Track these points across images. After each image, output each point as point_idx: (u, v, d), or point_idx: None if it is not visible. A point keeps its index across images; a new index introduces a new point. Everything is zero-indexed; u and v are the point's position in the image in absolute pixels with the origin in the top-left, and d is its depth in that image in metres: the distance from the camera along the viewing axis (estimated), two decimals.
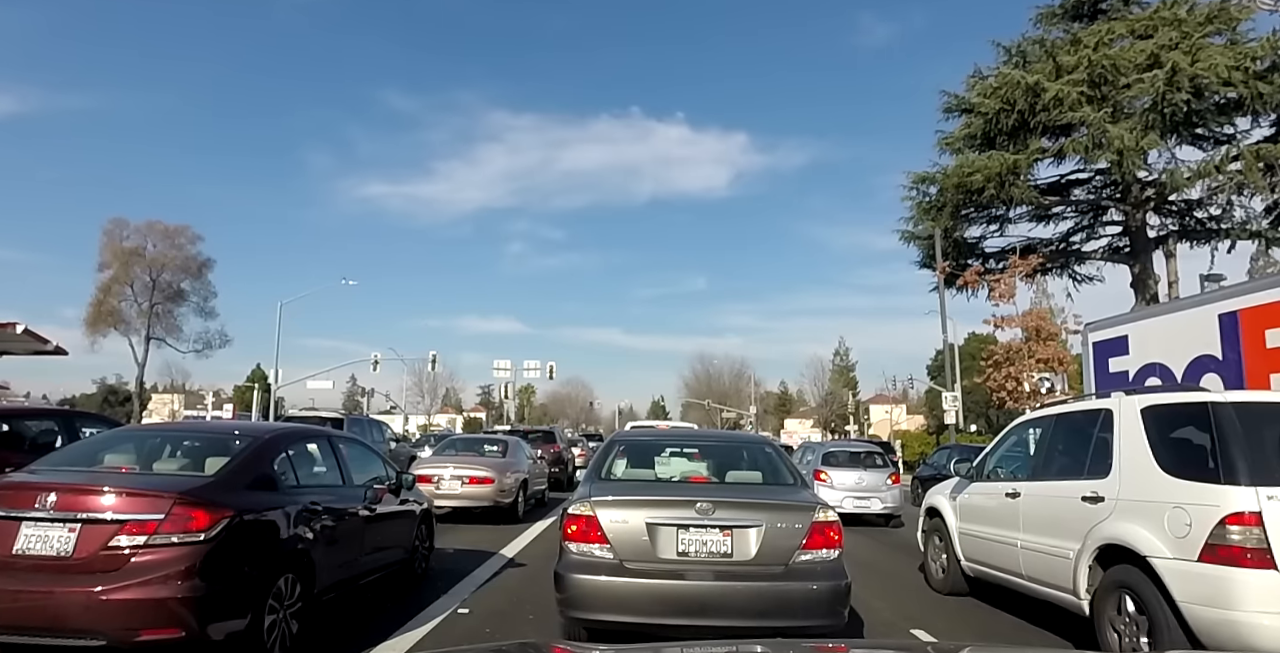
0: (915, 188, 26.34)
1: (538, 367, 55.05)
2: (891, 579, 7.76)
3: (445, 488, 10.91)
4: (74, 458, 4.68)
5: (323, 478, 5.20)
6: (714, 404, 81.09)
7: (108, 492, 3.82)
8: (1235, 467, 4.18)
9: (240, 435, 4.81)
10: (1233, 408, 4.44)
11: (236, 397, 67.06)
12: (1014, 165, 23.34)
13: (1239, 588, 3.96)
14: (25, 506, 3.75)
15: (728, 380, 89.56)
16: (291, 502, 4.55)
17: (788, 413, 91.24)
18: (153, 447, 4.84)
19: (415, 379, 68.53)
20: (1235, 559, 3.98)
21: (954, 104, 25.42)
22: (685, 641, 3.89)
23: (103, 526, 3.70)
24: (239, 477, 4.32)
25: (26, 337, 20.33)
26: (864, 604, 5.87)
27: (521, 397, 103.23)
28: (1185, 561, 4.19)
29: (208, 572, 3.74)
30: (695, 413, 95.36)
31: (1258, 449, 4.28)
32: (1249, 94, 20.67)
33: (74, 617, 3.57)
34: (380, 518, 5.73)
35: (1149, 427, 4.80)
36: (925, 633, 5.60)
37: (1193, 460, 4.51)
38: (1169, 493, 4.45)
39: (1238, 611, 3.95)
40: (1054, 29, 24.70)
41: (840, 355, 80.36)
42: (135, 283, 34.02)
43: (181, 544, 3.72)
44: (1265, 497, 4.00)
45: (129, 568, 3.63)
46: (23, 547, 3.68)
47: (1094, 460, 5.22)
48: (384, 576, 5.88)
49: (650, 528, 4.41)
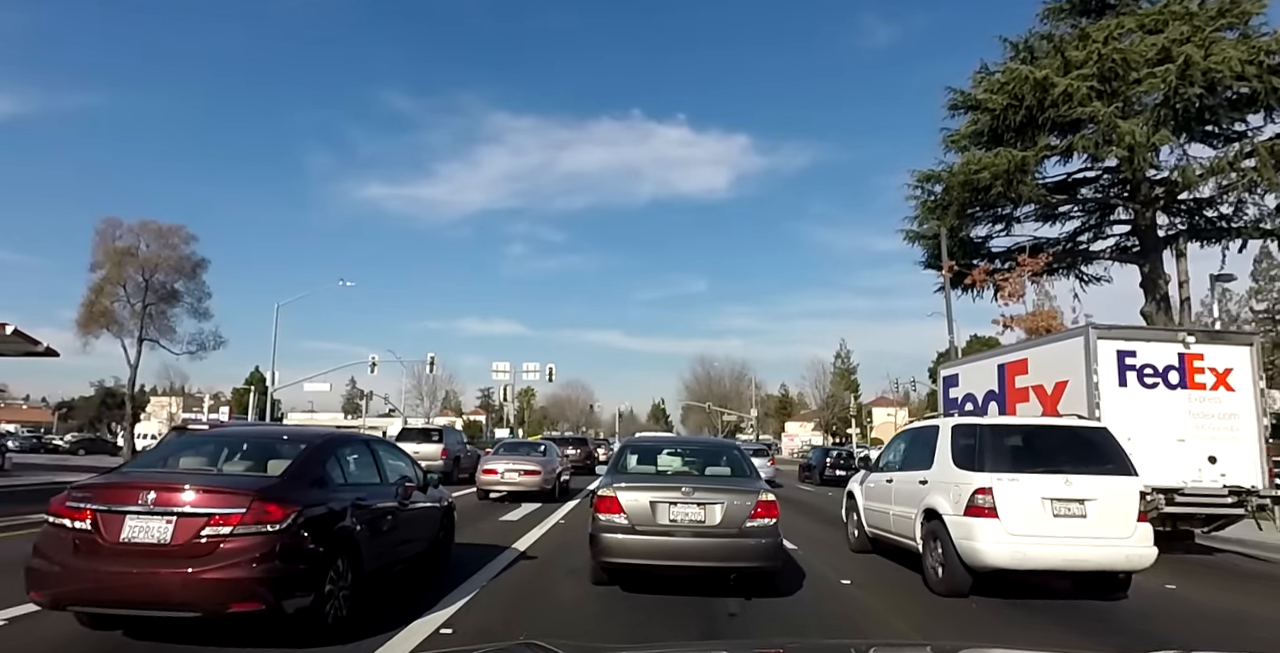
0: (920, 187, 26.75)
1: (537, 369, 56.15)
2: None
3: (507, 478, 16.37)
4: (156, 461, 5.65)
5: (364, 477, 6.14)
6: (714, 407, 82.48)
7: (197, 490, 4.75)
8: (983, 461, 7.48)
9: (294, 440, 5.76)
10: (987, 428, 8.01)
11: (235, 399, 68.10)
12: (1022, 162, 23.58)
13: (978, 529, 7.15)
14: (129, 502, 4.68)
15: (728, 383, 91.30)
16: (342, 497, 5.50)
17: (788, 416, 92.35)
18: (220, 451, 5.79)
19: (415, 382, 69.52)
20: (979, 513, 7.19)
21: (960, 101, 25.69)
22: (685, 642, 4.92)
23: (194, 518, 4.62)
24: (301, 476, 5.26)
25: (16, 338, 21.13)
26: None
27: (521, 399, 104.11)
28: (957, 516, 7.37)
29: (282, 556, 4.67)
30: (696, 416, 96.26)
31: (995, 451, 7.61)
32: (1262, 89, 21.21)
33: (174, 594, 4.50)
34: (411, 512, 6.71)
35: (952, 438, 8.00)
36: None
37: (966, 458, 7.68)
38: (954, 477, 7.65)
39: (977, 542, 7.12)
40: (1061, 24, 25.07)
41: (842, 358, 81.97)
42: (128, 283, 34.09)
43: (260, 533, 4.64)
44: (995, 479, 7.27)
45: (218, 553, 4.55)
46: (128, 536, 4.60)
47: (926, 458, 8.38)
48: (414, 563, 6.87)
49: (652, 504, 6.77)
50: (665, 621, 6.05)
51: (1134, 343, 11.78)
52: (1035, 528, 7.12)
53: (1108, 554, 7.19)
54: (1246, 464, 11.23)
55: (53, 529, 4.74)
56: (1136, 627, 6.51)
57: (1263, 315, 53.50)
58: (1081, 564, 7.25)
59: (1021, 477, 7.30)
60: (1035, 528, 7.12)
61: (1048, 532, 7.13)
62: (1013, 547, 7.06)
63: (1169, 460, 10.94)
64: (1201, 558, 11.35)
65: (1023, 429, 8.39)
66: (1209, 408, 11.37)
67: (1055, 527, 7.15)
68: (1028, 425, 8.77)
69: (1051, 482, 7.29)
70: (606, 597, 6.77)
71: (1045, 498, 7.23)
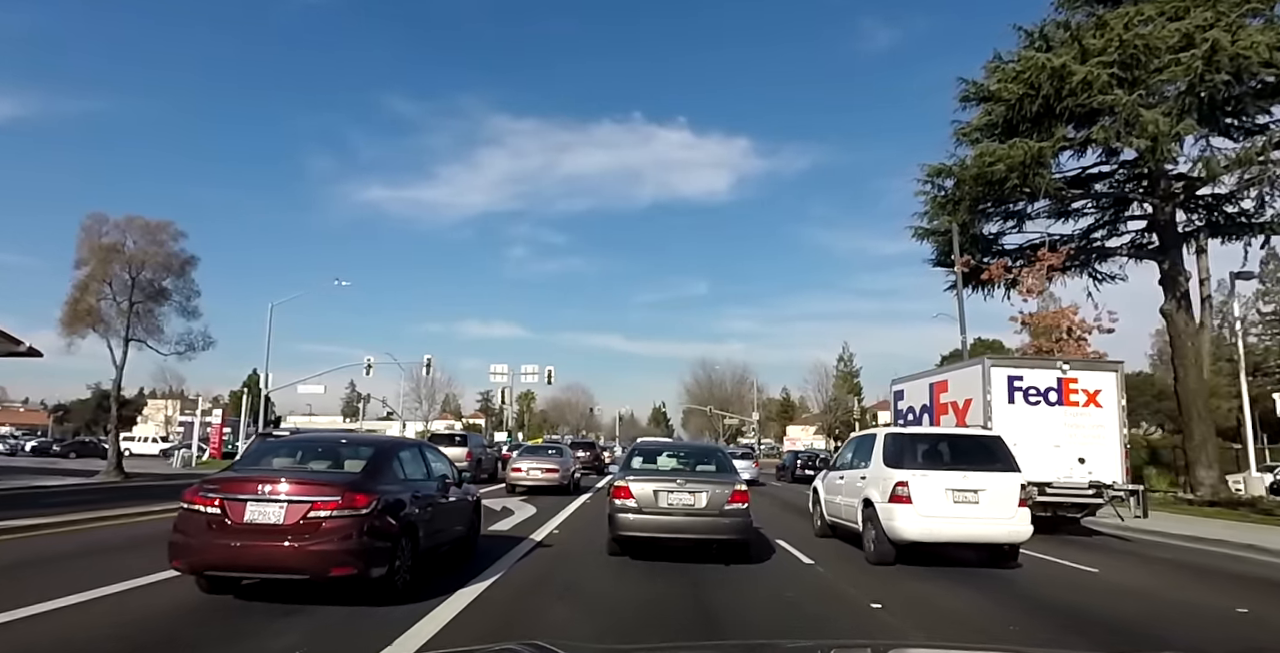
0: (930, 182, 27.74)
1: (536, 371, 58.35)
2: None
3: (531, 475, 21.64)
4: (257, 461, 7.76)
5: (416, 474, 8.17)
6: (716, 410, 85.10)
7: (301, 483, 6.77)
8: (903, 461, 10.55)
9: (363, 445, 7.93)
10: (908, 435, 11.33)
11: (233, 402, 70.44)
12: (1039, 154, 24.30)
13: (898, 512, 10.06)
14: (249, 491, 6.69)
15: (730, 386, 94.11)
16: (405, 489, 7.53)
17: (790, 419, 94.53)
18: (304, 453, 7.85)
19: (413, 384, 71.61)
20: (899, 500, 10.10)
21: (972, 92, 26.54)
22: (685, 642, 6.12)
23: (300, 504, 6.60)
24: (375, 472, 7.30)
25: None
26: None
27: (522, 402, 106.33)
28: (884, 502, 10.25)
29: (367, 533, 6.67)
30: (697, 419, 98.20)
31: (913, 453, 10.72)
32: None
33: (288, 561, 6.51)
34: (450, 504, 8.77)
35: (884, 443, 11.08)
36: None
37: (893, 458, 10.72)
38: (884, 473, 10.61)
39: (897, 522, 10.01)
40: (1078, 12, 26.06)
41: (844, 361, 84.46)
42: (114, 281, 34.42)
43: (351, 516, 6.63)
44: (911, 474, 10.24)
45: (320, 531, 6.54)
46: (250, 518, 6.61)
47: (867, 459, 11.45)
48: (453, 546, 8.93)
49: (654, 491, 9.63)
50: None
51: (1021, 369, 16.04)
52: (940, 511, 10.07)
53: (994, 530, 10.23)
54: (1110, 465, 15.31)
55: (188, 513, 6.74)
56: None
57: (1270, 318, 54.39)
58: (975, 538, 10.33)
59: (930, 472, 10.35)
60: (940, 511, 10.07)
61: (949, 514, 10.10)
62: (923, 525, 10.00)
63: (1047, 461, 14.83)
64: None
65: (935, 437, 12.01)
66: (1081, 420, 15.49)
67: (955, 510, 10.13)
68: (938, 434, 12.61)
69: (953, 476, 10.32)
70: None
71: (948, 488, 10.21)
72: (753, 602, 7.66)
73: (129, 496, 18.41)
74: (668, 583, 8.38)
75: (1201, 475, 24.71)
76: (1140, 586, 9.74)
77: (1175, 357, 26.24)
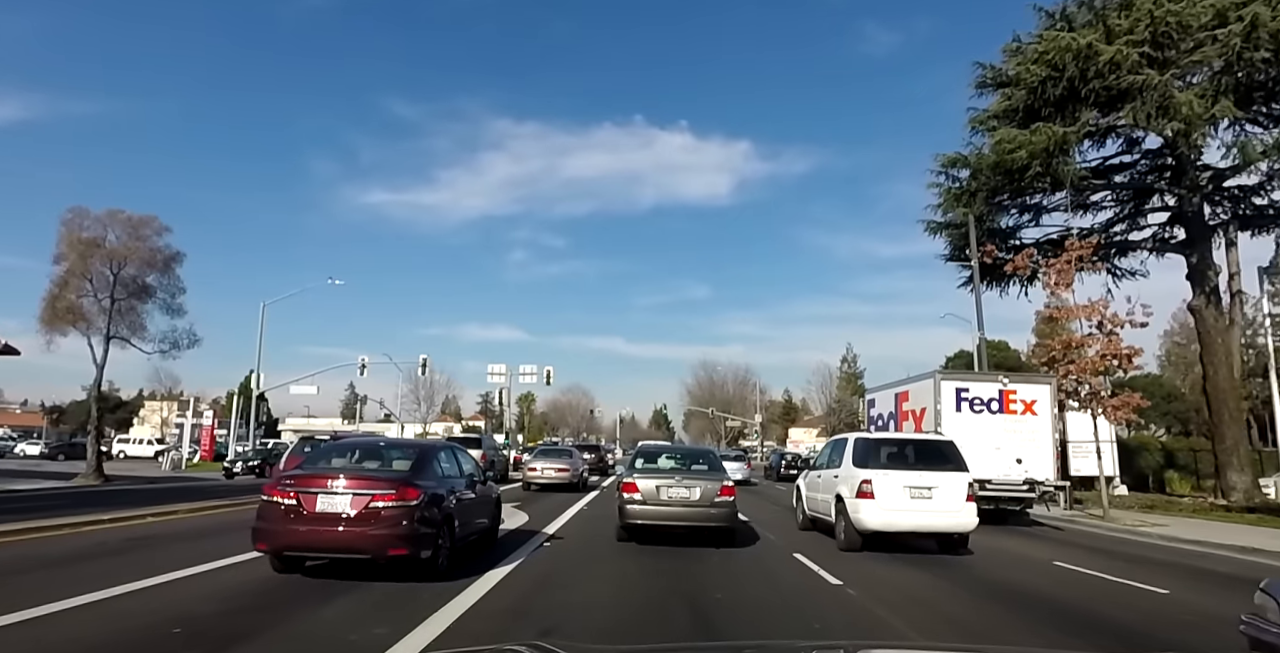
0: (944, 172, 26.78)
1: (534, 371, 57.99)
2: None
3: (545, 474, 25.12)
4: (321, 459, 9.14)
5: (451, 472, 9.47)
6: (718, 412, 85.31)
7: (363, 479, 8.07)
8: (868, 461, 12.38)
9: (406, 447, 9.42)
10: (873, 440, 13.55)
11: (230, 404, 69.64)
12: (1062, 139, 22.66)
13: (863, 506, 11.85)
14: (319, 486, 8.00)
15: (732, 388, 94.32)
16: (444, 485, 8.87)
17: (792, 422, 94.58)
18: (358, 454, 9.22)
19: (411, 386, 71.27)
20: (864, 496, 11.91)
21: (990, 77, 25.33)
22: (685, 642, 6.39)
23: (362, 497, 7.90)
24: (421, 471, 8.62)
25: None
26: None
27: (522, 405, 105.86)
28: (852, 498, 12.00)
29: (418, 522, 8.00)
30: (699, 421, 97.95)
31: (876, 455, 12.56)
32: None
33: (354, 544, 7.85)
34: (478, 499, 10.09)
35: (853, 446, 12.85)
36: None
37: (860, 459, 12.44)
38: (852, 472, 12.27)
39: (862, 514, 11.80)
40: None
41: (848, 362, 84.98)
42: (95, 277, 33.28)
43: (405, 507, 7.94)
44: (874, 473, 11.99)
45: (380, 519, 7.86)
46: (321, 508, 7.92)
47: (839, 460, 13.06)
48: (480, 536, 10.25)
49: (656, 486, 11.54)
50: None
51: (967, 382, 18.30)
52: (899, 505, 11.79)
53: (945, 521, 12.00)
54: (1044, 465, 17.90)
55: (268, 504, 8.07)
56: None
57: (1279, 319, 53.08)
58: (929, 528, 12.13)
59: (891, 472, 12.06)
60: (899, 505, 11.79)
61: (907, 508, 11.81)
62: (884, 517, 11.77)
63: (989, 462, 16.99)
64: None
65: (896, 441, 14.14)
66: (1019, 427, 18.15)
67: (912, 504, 11.83)
68: (899, 439, 14.83)
69: (910, 475, 12.07)
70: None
71: (906, 485, 11.94)
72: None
73: (89, 502, 17.00)
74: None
75: (1234, 480, 23.75)
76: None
77: (1204, 355, 25.13)
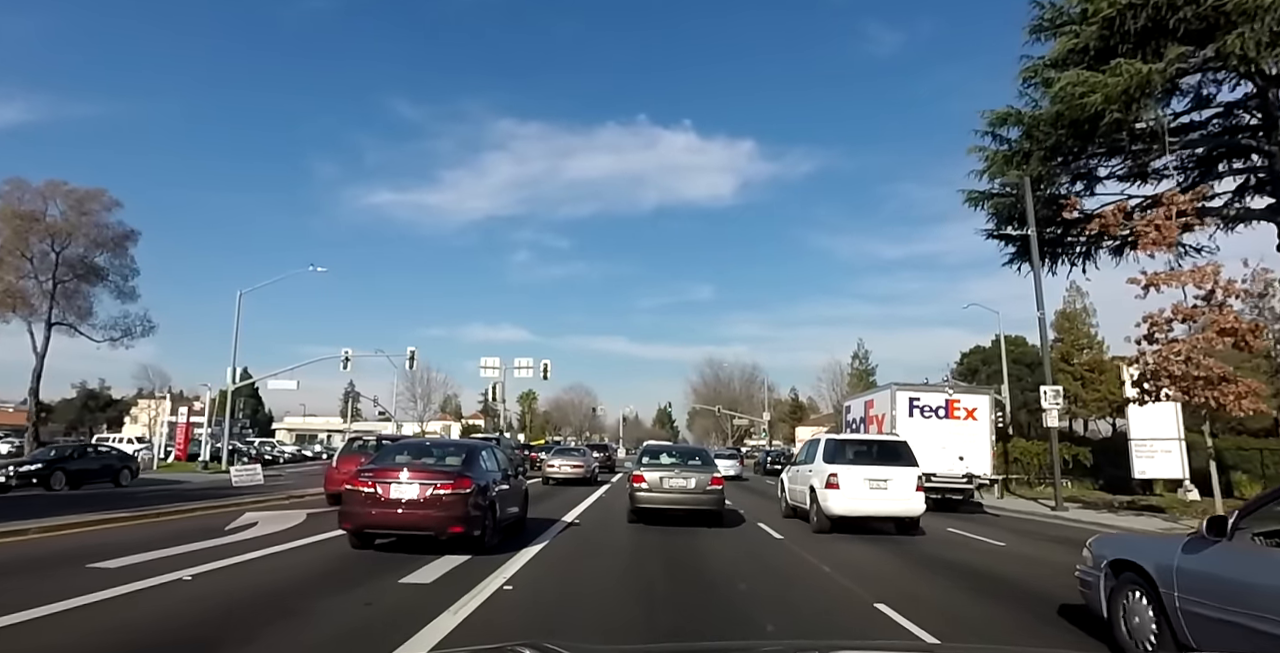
0: (990, 133, 23.54)
1: (529, 365, 54.44)
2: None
3: (561, 470, 29.96)
4: (388, 456, 11.53)
5: (492, 466, 11.79)
6: (724, 411, 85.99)
7: (426, 472, 10.41)
8: (835, 458, 15.23)
9: (455, 446, 11.99)
10: (840, 440, 16.79)
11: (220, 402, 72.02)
12: (1147, 78, 18.93)
13: (830, 495, 14.55)
14: (392, 477, 10.30)
15: (738, 386, 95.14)
16: (488, 477, 11.17)
17: (800, 421, 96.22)
18: (416, 452, 11.69)
19: (409, 385, 73.74)
20: (831, 487, 14.64)
21: (1048, 19, 21.67)
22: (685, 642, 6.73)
23: (426, 486, 10.19)
24: (471, 465, 10.96)
25: None
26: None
27: (523, 403, 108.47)
28: (821, 488, 14.73)
29: (471, 506, 10.27)
30: (704, 420, 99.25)
31: (842, 453, 15.53)
32: None
33: (421, 523, 10.13)
34: (511, 489, 12.36)
35: (824, 445, 15.90)
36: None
37: (829, 456, 15.36)
38: (823, 467, 15.00)
39: (829, 502, 14.48)
40: None
41: (859, 359, 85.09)
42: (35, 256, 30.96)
43: (461, 494, 10.21)
44: (840, 468, 14.71)
45: (441, 503, 10.14)
46: (395, 495, 10.20)
47: (814, 457, 15.84)
48: (513, 521, 12.53)
49: (660, 478, 14.86)
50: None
51: (919, 393, 22.11)
52: (860, 494, 14.39)
53: (898, 508, 14.65)
54: (982, 462, 21.98)
55: (351, 491, 10.38)
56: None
57: None
58: (884, 513, 14.73)
59: (854, 467, 14.69)
60: (860, 494, 14.39)
61: (866, 496, 14.42)
62: (847, 504, 14.36)
63: (935, 459, 20.28)
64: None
65: (858, 441, 17.07)
66: (961, 430, 22.15)
67: (871, 494, 14.43)
68: (862, 439, 17.90)
69: (870, 470, 14.64)
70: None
71: (865, 478, 14.51)
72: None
73: None
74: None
75: None
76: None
77: None
